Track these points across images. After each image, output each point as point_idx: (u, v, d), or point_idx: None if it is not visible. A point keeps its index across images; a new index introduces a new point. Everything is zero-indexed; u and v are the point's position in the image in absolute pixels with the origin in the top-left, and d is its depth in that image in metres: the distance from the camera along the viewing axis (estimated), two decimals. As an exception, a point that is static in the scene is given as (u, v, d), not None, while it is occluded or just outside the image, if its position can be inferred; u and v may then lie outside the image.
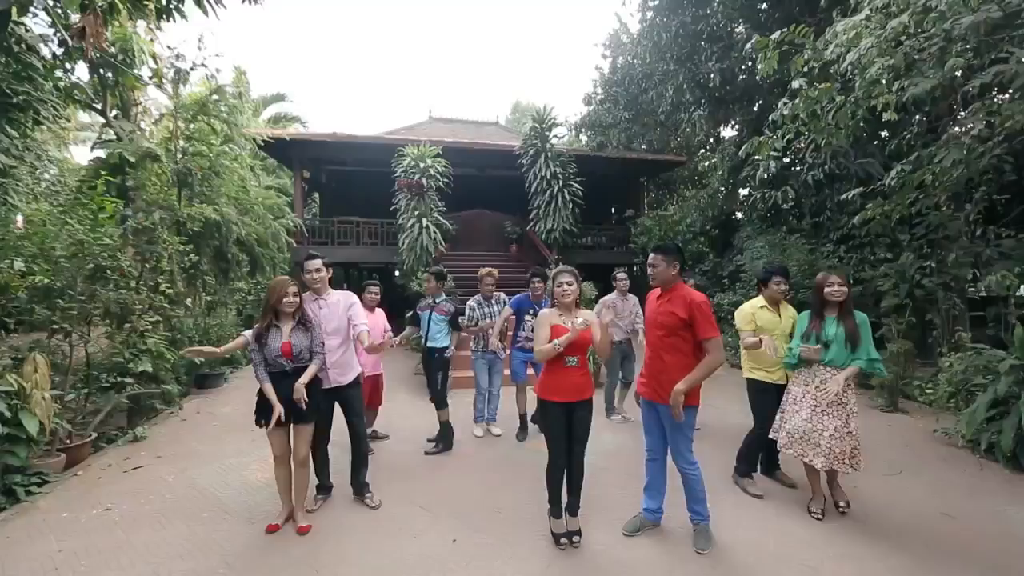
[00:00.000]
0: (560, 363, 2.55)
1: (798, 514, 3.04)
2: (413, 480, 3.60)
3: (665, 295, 2.69)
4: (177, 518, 3.04)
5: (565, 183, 10.15)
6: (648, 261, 2.73)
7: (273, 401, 2.67)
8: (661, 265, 2.65)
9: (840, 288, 2.87)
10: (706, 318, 2.52)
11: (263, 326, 2.72)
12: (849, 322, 2.85)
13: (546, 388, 2.61)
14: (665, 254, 2.66)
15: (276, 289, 2.75)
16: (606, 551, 2.65)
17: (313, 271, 3.03)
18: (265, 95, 14.62)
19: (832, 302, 2.91)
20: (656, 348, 2.69)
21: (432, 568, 2.50)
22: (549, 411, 2.60)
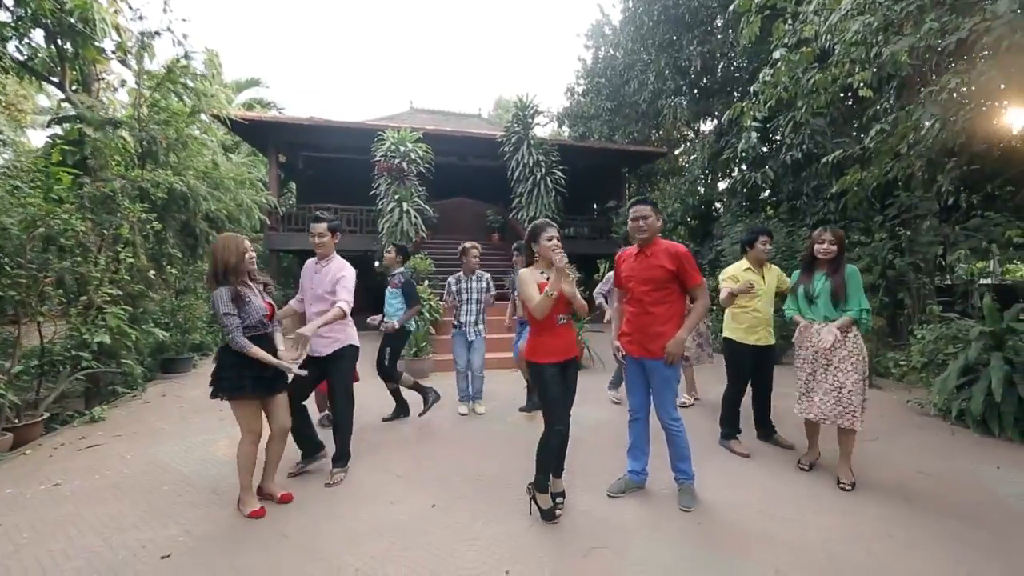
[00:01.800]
0: (553, 322, 2.46)
1: (784, 474, 3.04)
2: (388, 451, 3.47)
3: (646, 250, 2.65)
4: (135, 491, 2.84)
5: (548, 171, 10.10)
6: (637, 213, 2.62)
7: (275, 362, 2.46)
8: (651, 216, 2.60)
9: (831, 247, 2.84)
10: (693, 266, 2.56)
11: (238, 284, 2.46)
12: (836, 278, 2.83)
13: (540, 350, 2.48)
14: (654, 205, 2.64)
15: (234, 246, 2.47)
16: (590, 511, 2.58)
17: (316, 235, 2.95)
18: (239, 79, 14.13)
19: (824, 259, 2.88)
20: (642, 303, 2.63)
21: (409, 531, 2.39)
22: (546, 374, 2.47)
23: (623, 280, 2.77)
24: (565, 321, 2.51)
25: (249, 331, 2.46)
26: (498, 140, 10.55)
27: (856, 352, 2.82)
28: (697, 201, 9.57)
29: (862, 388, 2.79)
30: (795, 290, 3.01)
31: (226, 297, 2.40)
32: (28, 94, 15.87)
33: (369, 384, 5.60)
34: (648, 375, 2.67)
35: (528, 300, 2.48)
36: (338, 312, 2.77)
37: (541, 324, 2.47)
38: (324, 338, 2.92)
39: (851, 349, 2.83)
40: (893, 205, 5.48)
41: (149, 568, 2.08)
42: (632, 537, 2.34)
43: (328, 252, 3.00)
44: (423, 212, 9.28)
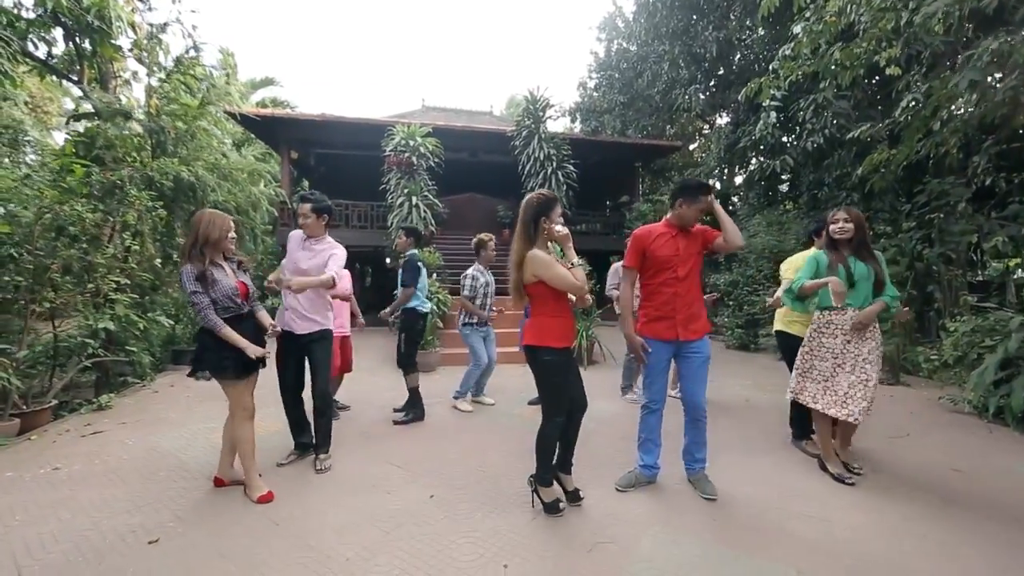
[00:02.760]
0: (567, 303, 2.33)
1: (801, 471, 2.85)
2: (389, 442, 3.37)
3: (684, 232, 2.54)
4: (131, 477, 2.79)
5: (559, 165, 9.94)
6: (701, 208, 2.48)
7: (245, 345, 2.38)
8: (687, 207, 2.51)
9: (846, 225, 2.62)
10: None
11: (204, 263, 2.36)
12: (871, 261, 2.63)
13: (553, 334, 2.29)
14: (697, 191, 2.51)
15: (218, 223, 2.41)
16: (597, 504, 2.44)
17: (301, 215, 2.86)
18: (254, 79, 14.32)
19: (841, 240, 2.65)
20: (686, 283, 2.52)
21: (405, 521, 2.28)
22: (558, 360, 2.30)
23: (663, 260, 2.52)
24: (574, 304, 2.39)
25: (223, 312, 2.38)
26: (509, 135, 10.43)
27: (880, 344, 2.66)
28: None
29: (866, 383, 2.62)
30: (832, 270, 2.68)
31: (191, 275, 2.31)
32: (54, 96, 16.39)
33: (378, 375, 5.58)
34: (681, 360, 2.57)
35: (562, 281, 2.22)
36: (328, 279, 2.63)
37: (554, 305, 2.32)
38: (305, 317, 2.83)
39: (879, 339, 2.66)
40: (922, 192, 5.19)
41: (135, 553, 2.01)
42: (641, 532, 2.19)
43: (316, 233, 2.89)
44: (433, 207, 9.23)
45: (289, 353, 2.92)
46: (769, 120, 5.40)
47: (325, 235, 2.94)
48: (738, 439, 3.41)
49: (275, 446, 3.14)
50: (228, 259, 2.55)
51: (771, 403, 4.38)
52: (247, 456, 2.52)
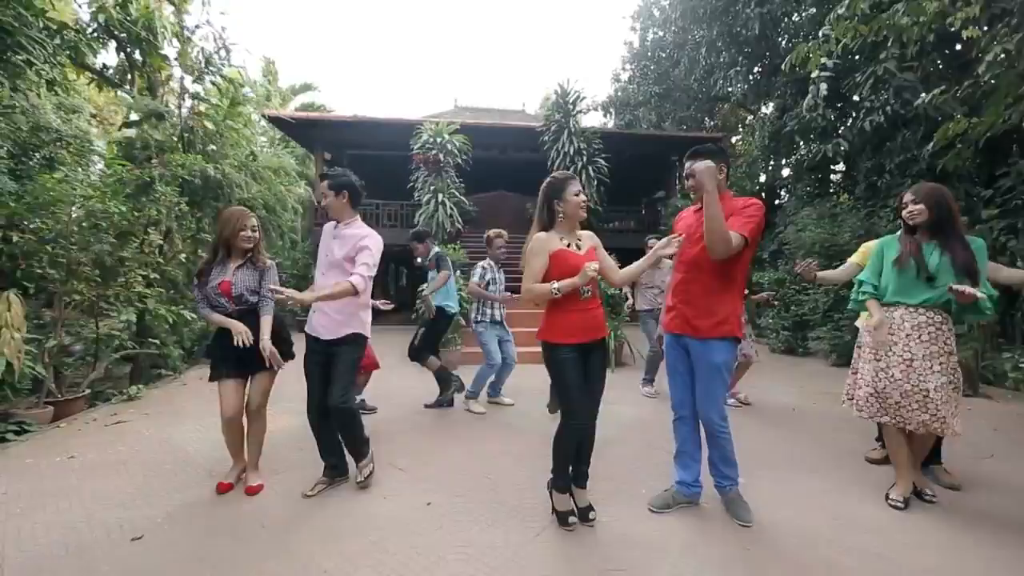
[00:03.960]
0: (576, 295, 2.05)
1: (856, 494, 2.43)
2: (396, 442, 3.21)
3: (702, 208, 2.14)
4: (137, 468, 2.78)
5: (590, 159, 9.59)
6: (688, 171, 2.12)
7: (229, 323, 2.30)
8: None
9: (914, 207, 2.15)
10: (747, 214, 2.01)
11: (209, 259, 2.39)
12: (957, 249, 2.07)
13: (558, 329, 2.07)
14: (711, 156, 2.09)
15: (232, 220, 2.37)
16: (613, 523, 2.16)
17: (321, 195, 2.55)
18: (294, 85, 14.85)
19: (917, 225, 2.17)
20: (693, 268, 2.16)
21: (396, 530, 2.10)
22: (563, 357, 2.06)
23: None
24: (590, 294, 2.09)
25: (216, 309, 2.37)
26: (538, 130, 10.20)
27: (947, 350, 2.16)
28: (756, 188, 8.65)
29: (952, 394, 2.16)
30: (902, 261, 2.19)
31: (197, 270, 2.39)
32: (119, 107, 17.74)
33: (399, 372, 5.49)
34: (693, 361, 2.19)
35: (525, 277, 2.07)
36: (347, 287, 2.25)
37: (562, 297, 2.08)
38: (332, 319, 2.44)
39: (941, 345, 2.15)
40: (1006, 175, 4.48)
41: (116, 549, 1.94)
42: (658, 561, 1.89)
43: (342, 216, 2.49)
44: (460, 204, 9.14)
45: (314, 360, 2.49)
46: (819, 94, 4.79)
47: (356, 218, 2.53)
48: (781, 454, 3.01)
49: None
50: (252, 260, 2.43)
51: (820, 413, 3.90)
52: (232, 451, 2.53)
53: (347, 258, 2.43)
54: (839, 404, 2.61)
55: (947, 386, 2.16)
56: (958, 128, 3.06)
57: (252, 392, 2.48)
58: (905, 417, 2.20)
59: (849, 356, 2.69)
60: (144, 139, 4.98)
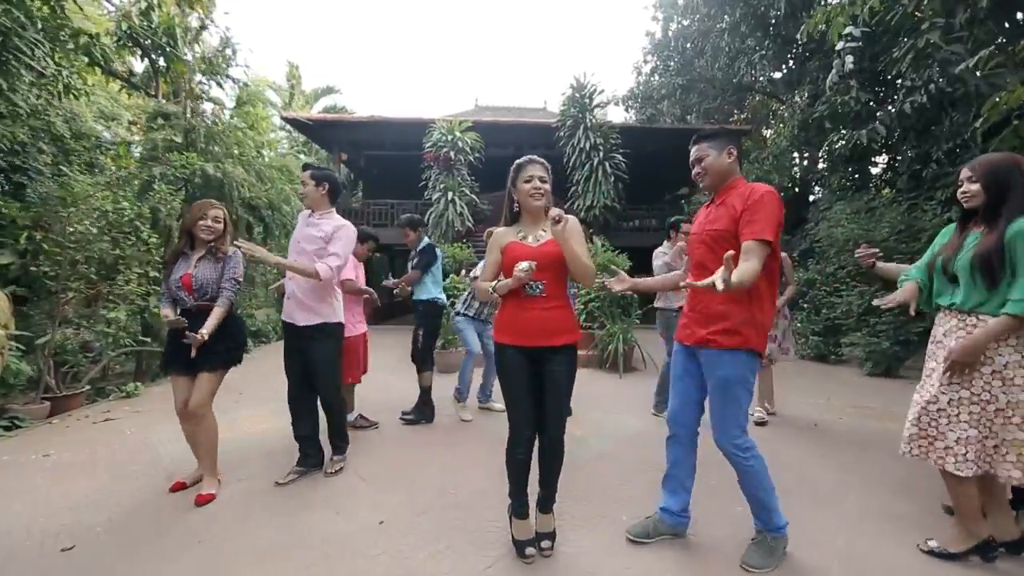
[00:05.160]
0: (519, 290, 1.82)
1: (886, 533, 2.06)
2: (367, 449, 3.04)
3: (717, 197, 1.85)
4: (105, 470, 2.73)
5: (606, 155, 9.25)
6: (692, 156, 1.86)
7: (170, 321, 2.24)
8: (710, 155, 1.81)
9: (969, 187, 1.72)
10: (765, 213, 1.63)
11: (175, 250, 2.37)
12: (988, 238, 1.64)
13: (503, 326, 1.88)
14: (713, 140, 1.83)
15: (194, 210, 2.37)
16: (577, 556, 1.89)
17: (302, 184, 2.63)
18: (317, 88, 15.17)
19: (971, 209, 1.75)
20: (702, 269, 1.84)
21: (337, 552, 1.91)
22: (506, 361, 1.87)
23: (692, 240, 1.99)
24: (541, 291, 1.82)
25: (178, 303, 2.31)
26: (553, 126, 9.92)
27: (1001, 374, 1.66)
28: (786, 181, 8.05)
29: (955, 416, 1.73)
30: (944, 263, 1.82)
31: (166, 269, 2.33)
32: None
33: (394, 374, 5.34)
34: (704, 373, 1.85)
35: (483, 272, 1.94)
36: (312, 270, 2.37)
37: (509, 294, 1.85)
38: (304, 304, 2.53)
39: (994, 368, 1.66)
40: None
41: (40, 560, 1.84)
42: (622, 603, 1.62)
43: (319, 206, 2.60)
44: (472, 203, 8.99)
45: (291, 347, 2.61)
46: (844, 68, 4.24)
47: (332, 210, 2.64)
48: (792, 478, 2.63)
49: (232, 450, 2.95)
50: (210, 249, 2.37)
51: (846, 430, 3.46)
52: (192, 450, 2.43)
53: (319, 250, 2.50)
54: (869, 420, 2.23)
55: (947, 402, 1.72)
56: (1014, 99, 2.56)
57: (193, 391, 2.36)
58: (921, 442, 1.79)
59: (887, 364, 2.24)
60: (152, 140, 5.04)
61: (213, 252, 2.37)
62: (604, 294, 6.22)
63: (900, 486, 2.48)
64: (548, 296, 1.83)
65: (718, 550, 1.91)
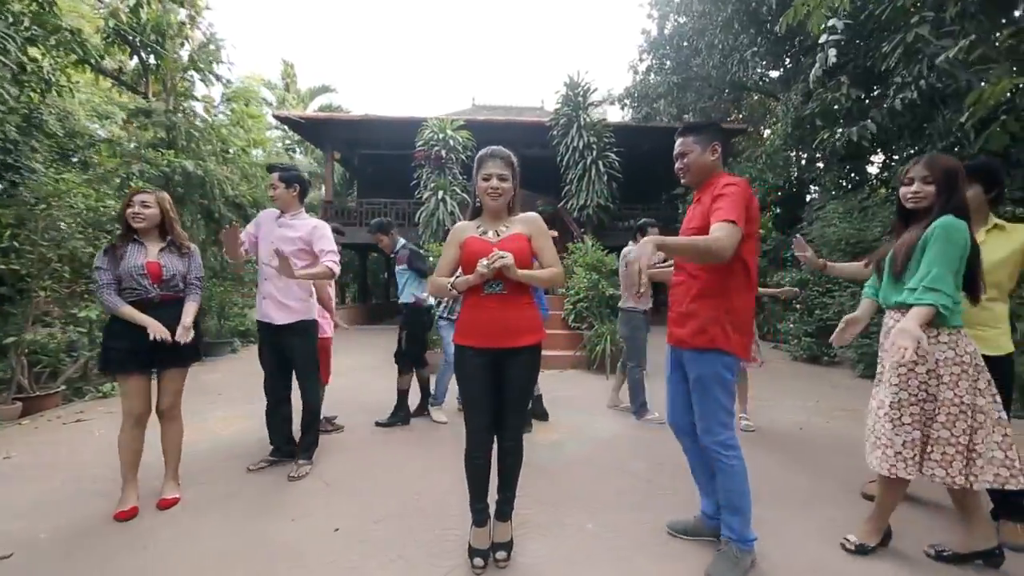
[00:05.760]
0: (477, 289, 1.75)
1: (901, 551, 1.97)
2: (335, 453, 2.96)
3: (696, 196, 1.83)
4: (60, 474, 2.65)
5: (600, 154, 9.16)
6: (676, 150, 1.82)
7: (144, 320, 2.11)
8: (694, 151, 1.76)
9: (922, 188, 1.67)
10: (730, 200, 1.59)
11: (117, 237, 2.25)
12: (907, 235, 1.67)
13: (462, 326, 1.82)
14: (698, 134, 1.78)
15: (125, 199, 2.29)
16: (535, 567, 1.81)
17: (270, 186, 2.66)
18: (313, 87, 15.11)
19: (919, 211, 1.70)
20: (682, 268, 1.84)
21: (284, 559, 1.83)
22: (464, 362, 1.80)
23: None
24: (500, 289, 1.73)
25: (128, 294, 2.17)
26: (547, 125, 9.84)
27: (968, 361, 1.62)
28: (780, 180, 7.95)
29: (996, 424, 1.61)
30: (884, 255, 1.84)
31: (102, 252, 2.19)
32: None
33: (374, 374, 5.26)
34: (687, 372, 1.82)
35: (438, 267, 1.87)
36: (326, 271, 2.49)
37: (469, 291, 1.78)
38: (281, 303, 2.57)
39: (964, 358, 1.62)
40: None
41: (-25, 569, 1.77)
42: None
43: (290, 207, 2.64)
44: (464, 202, 8.91)
45: (267, 346, 2.68)
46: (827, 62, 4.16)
47: (301, 210, 2.69)
48: (772, 483, 2.53)
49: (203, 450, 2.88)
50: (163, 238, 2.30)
51: (833, 434, 3.37)
52: (121, 461, 2.21)
53: (300, 249, 2.56)
54: (856, 423, 2.15)
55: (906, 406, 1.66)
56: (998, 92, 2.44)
57: (164, 391, 2.32)
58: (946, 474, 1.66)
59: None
60: (133, 137, 4.98)
61: (177, 246, 2.31)
62: (593, 294, 6.14)
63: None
64: (508, 295, 1.75)
65: (685, 559, 1.83)
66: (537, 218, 1.86)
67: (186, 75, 5.78)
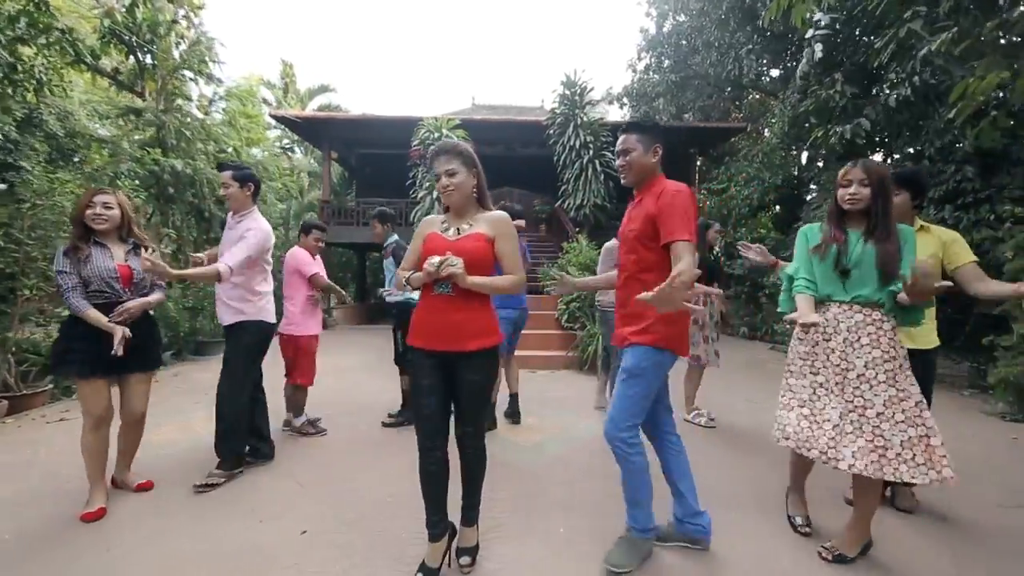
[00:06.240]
0: (428, 288, 1.70)
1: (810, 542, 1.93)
2: (315, 453, 2.94)
3: (638, 197, 1.83)
4: (34, 473, 2.65)
5: (597, 153, 9.10)
6: (619, 147, 1.81)
7: (107, 326, 2.09)
8: (636, 150, 1.76)
9: (860, 191, 1.72)
10: (680, 213, 1.62)
11: (75, 238, 2.16)
12: (885, 242, 1.71)
13: (411, 328, 1.76)
14: (641, 133, 1.77)
15: (82, 198, 2.22)
16: (500, 572, 1.78)
17: (223, 185, 2.60)
18: (312, 87, 15.11)
19: (853, 212, 1.77)
20: (625, 269, 1.84)
21: (245, 562, 1.81)
22: (415, 362, 1.73)
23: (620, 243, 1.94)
24: (449, 291, 1.65)
25: (95, 296, 2.14)
26: (544, 124, 9.80)
27: (892, 355, 1.69)
28: (778, 180, 7.86)
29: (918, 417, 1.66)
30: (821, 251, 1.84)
31: (60, 253, 2.13)
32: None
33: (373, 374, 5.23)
34: None
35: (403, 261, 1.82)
36: (212, 272, 2.30)
37: (422, 289, 1.74)
38: (226, 306, 2.58)
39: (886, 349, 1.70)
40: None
41: (-68, 571, 1.75)
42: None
43: (243, 207, 2.61)
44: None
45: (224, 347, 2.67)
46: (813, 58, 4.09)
47: (254, 210, 2.64)
48: (751, 487, 2.49)
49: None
50: (123, 240, 2.29)
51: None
52: (87, 462, 2.21)
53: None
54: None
55: (897, 403, 1.67)
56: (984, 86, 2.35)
57: (132, 397, 2.32)
58: (839, 453, 1.68)
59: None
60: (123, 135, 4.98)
61: (144, 248, 2.29)
62: (586, 294, 6.09)
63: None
64: (458, 297, 1.65)
65: (651, 565, 1.79)
66: (503, 219, 1.75)
67: (177, 74, 5.77)
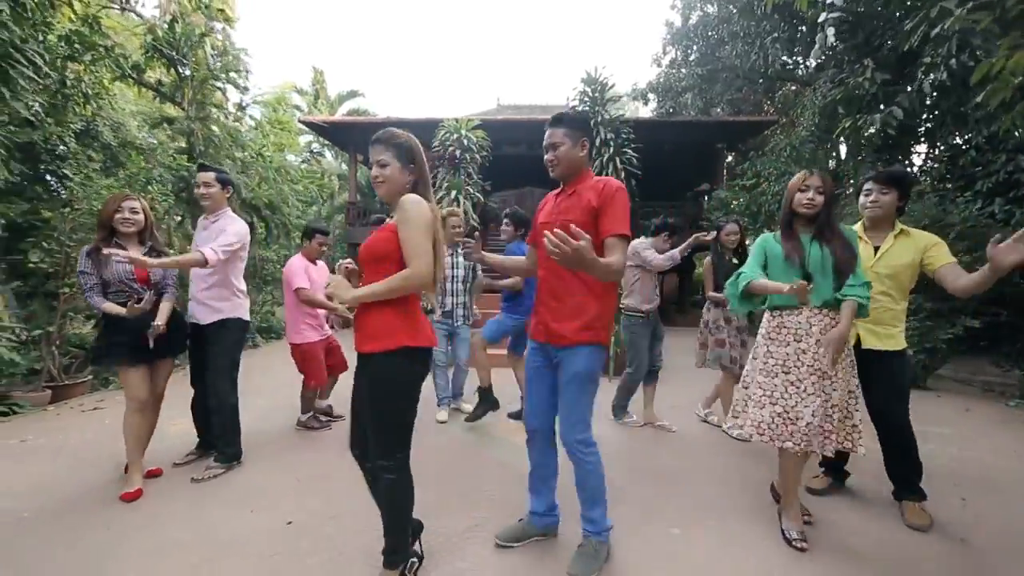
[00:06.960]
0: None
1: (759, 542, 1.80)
2: (318, 448, 3.02)
3: (568, 188, 1.83)
4: (61, 458, 2.85)
5: (617, 150, 8.92)
6: (546, 140, 1.81)
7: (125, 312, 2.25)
8: (565, 144, 1.77)
9: (817, 197, 1.91)
10: (619, 207, 1.68)
11: (98, 240, 2.35)
12: (836, 243, 1.89)
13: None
14: (570, 128, 1.77)
15: (108, 203, 2.39)
16: (468, 571, 1.77)
17: (201, 184, 2.64)
18: (341, 92, 15.61)
19: (805, 216, 1.95)
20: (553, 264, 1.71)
21: (230, 550, 1.88)
22: None
23: (536, 233, 1.90)
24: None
25: (115, 296, 2.34)
26: (564, 121, 9.70)
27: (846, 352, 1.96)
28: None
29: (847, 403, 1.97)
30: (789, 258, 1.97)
31: (83, 254, 2.33)
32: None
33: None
34: (561, 373, 1.79)
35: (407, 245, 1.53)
36: (198, 257, 2.34)
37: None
38: (204, 305, 2.62)
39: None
40: None
41: (-45, 543, 1.92)
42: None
43: (219, 207, 2.64)
44: (478, 202, 8.93)
45: (194, 345, 2.71)
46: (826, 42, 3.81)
47: (227, 210, 2.68)
48: (746, 492, 2.37)
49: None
50: (143, 243, 2.45)
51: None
52: (128, 444, 2.40)
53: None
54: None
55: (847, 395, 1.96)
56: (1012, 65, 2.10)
57: (159, 380, 2.53)
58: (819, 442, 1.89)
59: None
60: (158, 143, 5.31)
61: (157, 250, 2.47)
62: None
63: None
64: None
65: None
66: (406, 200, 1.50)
67: (208, 84, 6.09)
